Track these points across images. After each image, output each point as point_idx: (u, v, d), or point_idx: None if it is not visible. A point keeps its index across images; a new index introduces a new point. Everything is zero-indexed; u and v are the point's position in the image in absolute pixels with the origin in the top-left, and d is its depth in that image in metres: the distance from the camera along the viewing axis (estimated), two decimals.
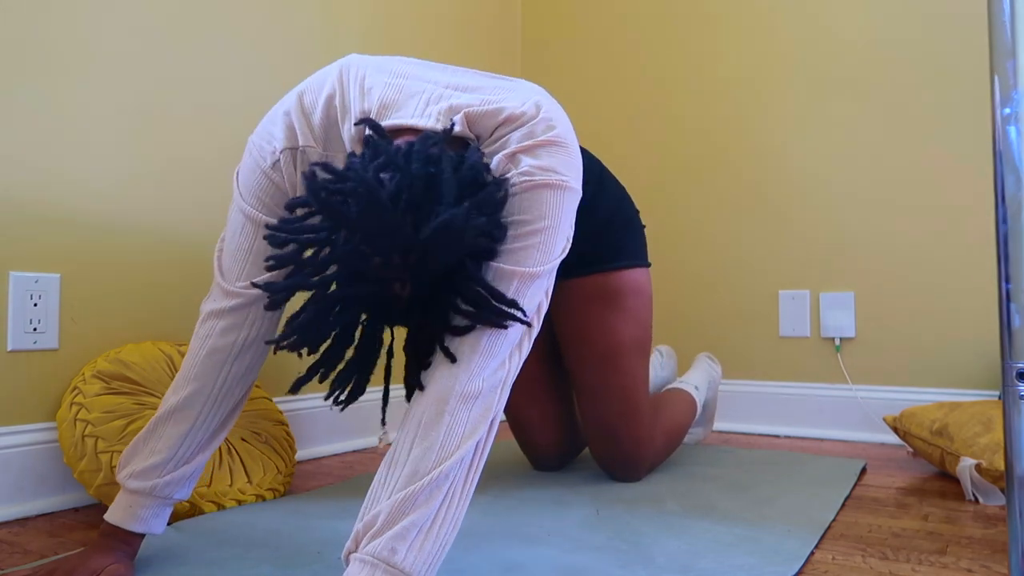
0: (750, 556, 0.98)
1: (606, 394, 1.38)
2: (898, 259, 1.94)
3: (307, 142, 0.96)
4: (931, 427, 1.47)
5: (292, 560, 0.97)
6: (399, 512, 0.74)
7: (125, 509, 0.93)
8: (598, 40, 2.41)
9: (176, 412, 0.96)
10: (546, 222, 0.87)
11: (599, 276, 1.37)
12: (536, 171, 0.88)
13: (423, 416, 0.79)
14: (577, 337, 1.39)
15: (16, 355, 1.23)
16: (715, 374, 1.80)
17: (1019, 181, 0.77)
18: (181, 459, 0.95)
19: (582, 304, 1.38)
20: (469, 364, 0.81)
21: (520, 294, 0.84)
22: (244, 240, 0.99)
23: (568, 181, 0.89)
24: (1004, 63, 0.78)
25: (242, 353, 0.98)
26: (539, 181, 0.87)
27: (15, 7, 1.23)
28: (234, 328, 0.97)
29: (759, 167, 2.13)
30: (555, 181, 0.88)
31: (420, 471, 0.76)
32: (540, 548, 1.02)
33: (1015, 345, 0.76)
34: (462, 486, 0.78)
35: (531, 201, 0.87)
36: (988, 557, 1.00)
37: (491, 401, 0.81)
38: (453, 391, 0.79)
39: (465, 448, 0.77)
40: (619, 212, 1.40)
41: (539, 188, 0.87)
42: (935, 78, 1.91)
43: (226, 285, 0.98)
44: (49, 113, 1.28)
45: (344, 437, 1.81)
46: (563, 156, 0.90)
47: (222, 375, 0.97)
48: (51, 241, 1.28)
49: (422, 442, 0.77)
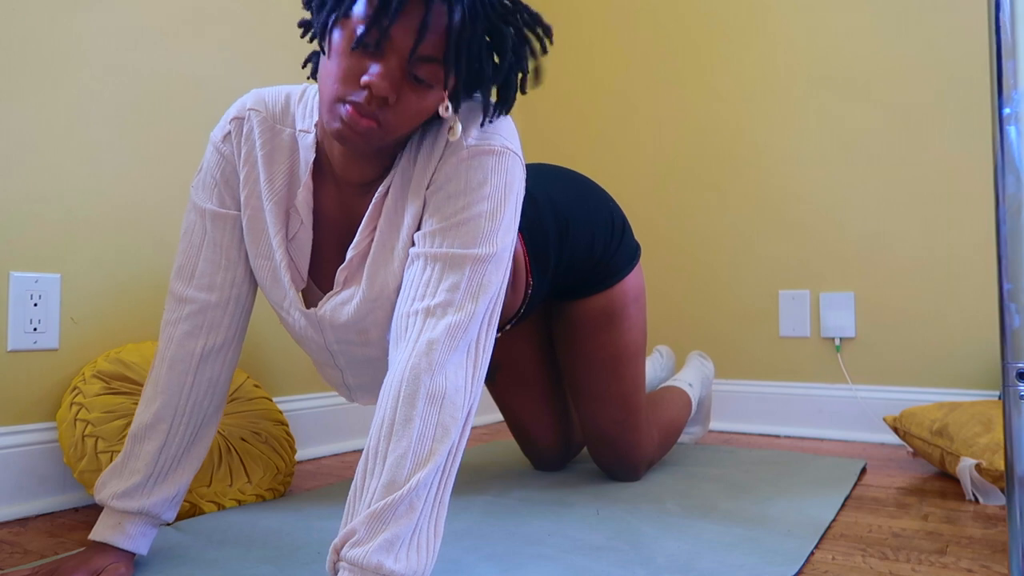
0: (750, 556, 0.98)
1: (606, 402, 1.36)
2: (898, 259, 1.94)
3: (258, 108, 0.94)
4: (931, 427, 1.47)
5: (292, 560, 0.97)
6: (380, 524, 0.72)
7: (113, 527, 0.91)
8: (598, 40, 2.41)
9: (147, 429, 0.93)
10: (489, 190, 0.85)
11: (601, 296, 1.31)
12: (482, 138, 0.86)
13: (394, 417, 0.76)
14: (581, 354, 1.34)
15: (16, 355, 1.23)
16: (707, 372, 1.80)
17: (1019, 181, 0.77)
18: (160, 475, 0.93)
19: (585, 323, 1.33)
20: (430, 357, 0.78)
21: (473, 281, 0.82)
22: (195, 237, 0.96)
23: (511, 146, 0.87)
24: (1004, 63, 0.78)
25: (204, 361, 0.95)
26: (484, 148, 0.85)
27: (15, 7, 1.23)
28: (191, 335, 0.94)
29: (759, 167, 2.13)
30: (499, 147, 0.86)
31: (397, 480, 0.73)
32: (540, 548, 1.02)
33: (1015, 345, 0.76)
34: (438, 492, 0.76)
35: (476, 169, 0.85)
36: (988, 557, 1.00)
37: (459, 400, 0.78)
38: (419, 392, 0.76)
39: (439, 455, 0.75)
40: (612, 230, 1.31)
41: (484, 155, 0.85)
42: (935, 78, 1.91)
43: (178, 291, 0.95)
44: (49, 113, 1.28)
45: (344, 437, 1.81)
46: (504, 123, 0.89)
47: (187, 386, 0.94)
48: (51, 241, 1.28)
49: (395, 448, 0.75)
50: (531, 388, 1.47)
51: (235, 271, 0.96)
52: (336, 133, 0.82)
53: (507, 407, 1.49)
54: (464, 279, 0.82)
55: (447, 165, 0.86)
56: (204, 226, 0.95)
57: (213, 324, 0.95)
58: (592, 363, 1.34)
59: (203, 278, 0.95)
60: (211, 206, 0.95)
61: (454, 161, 0.86)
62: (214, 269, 0.95)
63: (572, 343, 1.35)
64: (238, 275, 0.97)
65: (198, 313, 0.94)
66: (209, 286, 0.95)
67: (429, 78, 0.81)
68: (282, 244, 0.94)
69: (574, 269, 1.27)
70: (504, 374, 1.46)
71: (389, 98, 0.79)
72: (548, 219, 1.22)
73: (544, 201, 1.23)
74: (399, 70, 0.80)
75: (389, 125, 0.82)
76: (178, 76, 1.47)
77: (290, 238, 0.95)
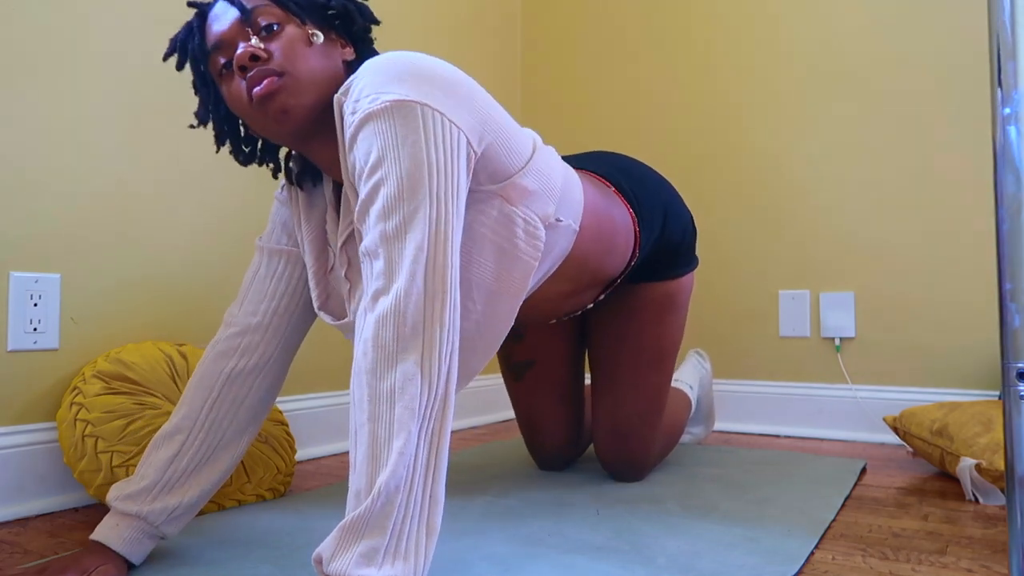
0: (750, 556, 0.98)
1: (638, 391, 1.37)
2: (898, 259, 1.94)
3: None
4: (931, 427, 1.47)
5: (292, 560, 0.97)
6: (353, 536, 0.69)
7: (111, 528, 0.93)
8: (598, 40, 2.41)
9: (165, 437, 0.97)
10: (379, 161, 0.77)
11: (670, 283, 1.33)
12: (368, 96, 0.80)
13: (354, 425, 0.73)
14: (629, 336, 1.35)
15: (16, 355, 1.23)
16: (705, 371, 1.80)
17: (1019, 181, 0.77)
18: (166, 485, 0.95)
19: (646, 306, 1.34)
20: (368, 357, 0.73)
21: (396, 258, 0.75)
22: (251, 271, 1.06)
23: (394, 97, 0.78)
24: (1004, 63, 0.78)
25: (231, 381, 1.00)
26: (362, 114, 0.79)
27: (15, 7, 1.23)
28: (224, 355, 1.01)
29: (759, 167, 2.13)
30: (378, 107, 0.78)
31: (361, 489, 0.70)
32: (540, 548, 1.02)
33: (1015, 345, 0.76)
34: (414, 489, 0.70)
35: (362, 141, 0.79)
36: (988, 557, 1.00)
37: (412, 389, 0.71)
38: (364, 395, 0.72)
39: (398, 453, 0.69)
40: (692, 226, 1.37)
41: (366, 122, 0.79)
42: (935, 78, 1.91)
43: (229, 313, 1.04)
44: (49, 113, 1.28)
45: (344, 437, 1.81)
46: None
47: (208, 401, 0.98)
48: (51, 241, 1.28)
49: (357, 455, 0.72)
50: (554, 388, 1.48)
51: (278, 302, 1.04)
52: (263, 115, 0.89)
53: (525, 404, 1.50)
54: (383, 261, 0.75)
55: (349, 144, 0.82)
56: (259, 261, 1.06)
57: (248, 347, 1.01)
58: (639, 349, 1.35)
59: (249, 305, 1.03)
60: (267, 244, 1.06)
61: (348, 138, 0.82)
62: (260, 298, 1.03)
63: (625, 326, 1.35)
64: (280, 306, 1.04)
65: (237, 335, 1.01)
66: (252, 312, 1.03)
67: (271, 19, 0.90)
68: (315, 275, 1.01)
69: (663, 251, 1.29)
70: (534, 371, 1.47)
71: (257, 53, 0.87)
72: (657, 199, 1.27)
73: (654, 183, 1.29)
74: (243, 35, 0.90)
75: (289, 73, 0.88)
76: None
77: (329, 269, 1.02)
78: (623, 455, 1.41)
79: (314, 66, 0.90)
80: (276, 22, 0.90)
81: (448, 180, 0.78)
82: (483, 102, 0.86)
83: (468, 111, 0.82)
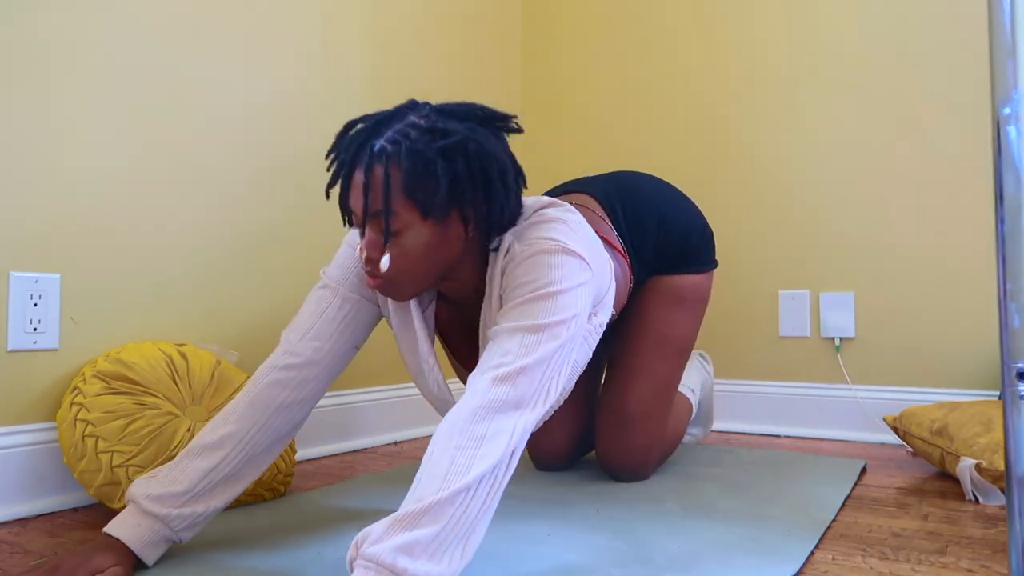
0: (750, 556, 0.98)
1: (646, 376, 1.41)
2: (898, 259, 1.94)
3: None
4: (931, 427, 1.47)
5: (292, 560, 0.98)
6: (402, 526, 0.74)
7: (132, 527, 0.93)
8: (598, 41, 2.41)
9: (206, 448, 0.99)
10: (539, 279, 0.95)
11: (694, 276, 1.46)
12: (537, 240, 0.99)
13: (440, 442, 0.81)
14: (648, 323, 1.44)
15: (16, 355, 1.23)
16: (707, 374, 1.80)
17: (1019, 181, 0.77)
18: (199, 494, 0.97)
19: (671, 292, 1.44)
20: (477, 401, 0.84)
21: (528, 345, 0.89)
22: (317, 306, 1.11)
23: (565, 245, 0.97)
24: (1004, 63, 0.78)
25: (280, 411, 1.04)
26: (533, 249, 0.98)
27: (15, 7, 1.23)
28: (280, 385, 1.05)
29: (759, 167, 2.13)
30: (549, 247, 0.97)
31: (425, 496, 0.77)
32: (540, 548, 1.02)
33: (1015, 345, 0.76)
34: (471, 522, 0.77)
35: (529, 268, 0.96)
36: (988, 557, 1.00)
37: (498, 445, 0.81)
38: (458, 428, 0.82)
39: (463, 485, 0.77)
40: (706, 230, 1.49)
41: (536, 255, 0.97)
42: (935, 78, 1.91)
43: (291, 340, 1.08)
44: (49, 113, 1.28)
45: (344, 437, 1.81)
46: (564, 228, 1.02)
47: (256, 426, 1.03)
48: (51, 241, 1.28)
49: (428, 467, 0.80)
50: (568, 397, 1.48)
51: (339, 345, 1.10)
52: None
53: None
54: (521, 344, 0.89)
55: (508, 272, 1.00)
56: (330, 300, 1.11)
57: (303, 381, 1.06)
58: (654, 335, 1.43)
59: (315, 340, 1.08)
60: (341, 287, 1.12)
61: (511, 267, 0.99)
62: (325, 336, 1.09)
63: (647, 312, 1.44)
64: (338, 348, 1.10)
65: (296, 367, 1.06)
66: (317, 348, 1.08)
67: (394, 226, 0.96)
68: (425, 342, 1.15)
69: (670, 250, 1.42)
70: None
71: (373, 257, 0.98)
72: (649, 207, 1.41)
73: (647, 191, 1.44)
74: (372, 232, 0.98)
75: (396, 276, 0.99)
76: (180, 76, 1.47)
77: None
78: (624, 445, 1.40)
79: (423, 270, 1.01)
80: (397, 229, 0.96)
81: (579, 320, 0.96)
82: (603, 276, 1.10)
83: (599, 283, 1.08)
